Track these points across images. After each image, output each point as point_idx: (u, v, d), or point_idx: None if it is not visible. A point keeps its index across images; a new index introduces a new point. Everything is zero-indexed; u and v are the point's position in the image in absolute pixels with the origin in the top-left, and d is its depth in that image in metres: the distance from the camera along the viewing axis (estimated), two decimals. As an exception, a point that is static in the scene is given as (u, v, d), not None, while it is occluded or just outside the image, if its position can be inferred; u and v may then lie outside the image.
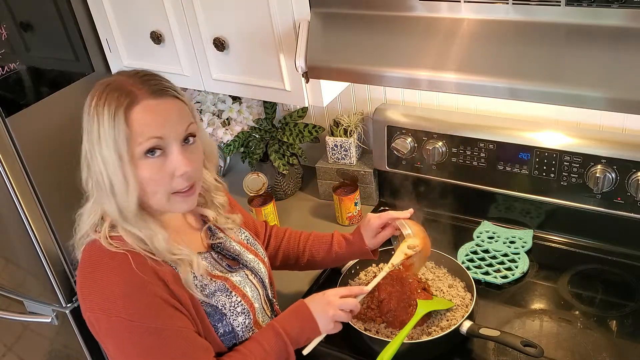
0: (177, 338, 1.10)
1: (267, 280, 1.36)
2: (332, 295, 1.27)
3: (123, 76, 1.12)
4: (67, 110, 1.69)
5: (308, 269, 1.54)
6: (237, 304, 1.22)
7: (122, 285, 1.08)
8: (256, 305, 1.27)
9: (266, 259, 1.40)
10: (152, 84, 1.10)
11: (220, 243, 1.30)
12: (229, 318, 1.20)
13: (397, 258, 1.39)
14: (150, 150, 1.08)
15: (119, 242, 1.11)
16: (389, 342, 1.30)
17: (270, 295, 1.38)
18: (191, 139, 1.14)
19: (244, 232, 1.38)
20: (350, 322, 1.41)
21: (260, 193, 1.90)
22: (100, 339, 1.14)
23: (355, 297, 1.29)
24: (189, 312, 1.14)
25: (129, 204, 1.10)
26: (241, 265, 1.31)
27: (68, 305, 1.78)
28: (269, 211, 1.86)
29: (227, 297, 1.21)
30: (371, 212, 1.90)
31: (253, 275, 1.31)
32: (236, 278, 1.26)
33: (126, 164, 1.07)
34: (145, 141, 1.07)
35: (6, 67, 1.56)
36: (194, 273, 1.18)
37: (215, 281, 1.21)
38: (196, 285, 1.17)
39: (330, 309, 1.25)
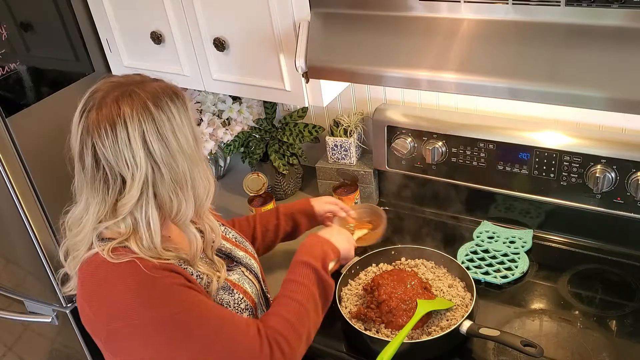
0: (206, 311, 1.08)
1: (260, 276, 1.37)
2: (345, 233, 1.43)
3: (130, 78, 1.10)
4: (67, 110, 1.69)
5: (275, 239, 1.59)
6: (240, 300, 1.22)
7: (137, 289, 1.05)
8: (256, 300, 1.28)
9: (255, 255, 1.41)
10: (159, 79, 1.13)
11: (212, 242, 1.30)
12: None
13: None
14: None
15: (120, 253, 1.07)
16: (389, 342, 1.30)
17: (264, 290, 1.39)
18: None
19: (231, 232, 1.39)
20: (350, 322, 1.41)
21: (260, 193, 1.90)
22: (131, 350, 1.08)
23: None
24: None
25: (210, 187, 1.14)
26: (236, 263, 1.32)
27: (68, 305, 1.78)
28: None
29: (230, 294, 1.21)
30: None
31: (248, 271, 1.32)
32: (234, 276, 1.26)
33: (200, 145, 1.12)
34: (196, 124, 1.14)
35: (6, 67, 1.56)
36: (199, 274, 1.17)
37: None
38: (200, 284, 1.16)
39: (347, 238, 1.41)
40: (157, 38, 1.66)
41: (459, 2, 1.19)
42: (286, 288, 1.22)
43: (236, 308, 1.21)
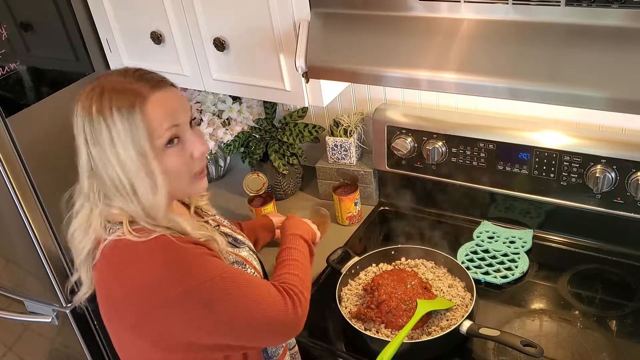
0: (236, 274, 1.14)
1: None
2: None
3: (114, 76, 1.11)
4: (67, 110, 1.69)
5: None
6: (253, 276, 1.25)
7: (174, 260, 1.07)
8: (262, 276, 1.32)
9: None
10: (150, 78, 1.11)
11: (217, 226, 1.32)
12: None
13: None
14: (170, 141, 1.11)
15: (144, 232, 1.09)
16: (389, 342, 1.30)
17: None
18: (193, 122, 1.18)
19: (224, 220, 1.41)
20: (350, 322, 1.41)
21: (260, 193, 1.90)
22: (167, 325, 1.09)
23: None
24: None
25: (157, 201, 1.10)
26: (240, 243, 1.33)
27: (68, 305, 1.78)
28: (269, 211, 1.86)
29: (244, 269, 1.24)
30: (372, 212, 1.92)
31: (252, 251, 1.35)
32: (244, 253, 1.29)
33: (151, 160, 1.08)
34: (164, 133, 1.09)
35: (6, 67, 1.56)
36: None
37: (230, 255, 1.24)
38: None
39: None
40: (157, 38, 1.66)
41: (459, 2, 1.19)
42: (287, 253, 1.34)
43: None
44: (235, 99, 1.94)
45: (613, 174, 1.49)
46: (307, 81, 1.45)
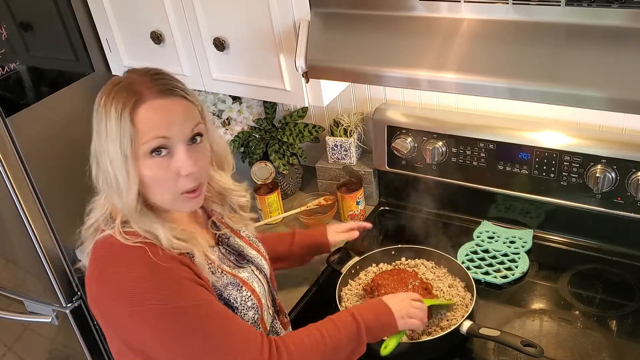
0: (213, 310, 1.11)
1: (269, 276, 1.37)
2: (406, 295, 1.35)
3: (134, 74, 1.12)
4: (67, 110, 1.69)
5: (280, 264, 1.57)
6: (247, 298, 1.23)
7: (148, 275, 1.07)
8: (263, 301, 1.28)
9: (266, 256, 1.40)
10: (161, 83, 1.11)
11: (227, 238, 1.31)
12: (240, 312, 1.21)
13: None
14: (156, 150, 1.08)
15: (133, 236, 1.10)
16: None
17: (273, 291, 1.39)
18: (198, 138, 1.14)
19: (244, 231, 1.39)
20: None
21: (268, 182, 1.91)
22: (132, 334, 1.11)
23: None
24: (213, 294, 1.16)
25: (128, 201, 1.10)
26: (247, 261, 1.32)
27: (68, 305, 1.78)
28: (273, 200, 1.88)
29: (238, 291, 1.22)
30: (372, 212, 1.92)
31: (258, 271, 1.32)
32: (244, 274, 1.26)
33: (130, 162, 1.08)
34: (150, 140, 1.07)
35: (6, 67, 1.56)
36: (209, 265, 1.20)
37: (225, 275, 1.22)
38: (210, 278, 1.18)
39: (408, 305, 1.31)
40: (157, 38, 1.66)
41: (459, 2, 1.19)
42: (320, 322, 1.23)
43: (243, 305, 1.22)
44: (235, 98, 1.94)
45: (613, 174, 1.49)
46: (307, 81, 1.45)
